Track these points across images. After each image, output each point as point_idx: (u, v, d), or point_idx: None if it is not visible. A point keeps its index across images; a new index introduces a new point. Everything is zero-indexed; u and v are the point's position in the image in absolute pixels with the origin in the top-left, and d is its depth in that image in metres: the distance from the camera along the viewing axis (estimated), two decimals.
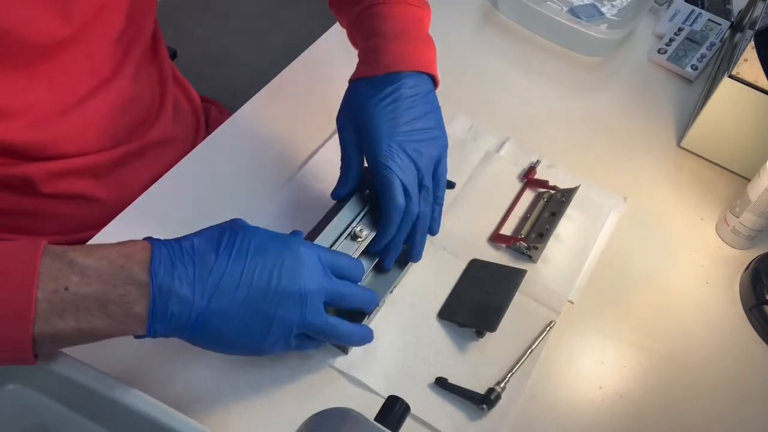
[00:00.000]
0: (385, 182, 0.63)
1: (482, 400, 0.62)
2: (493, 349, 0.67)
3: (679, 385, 0.69)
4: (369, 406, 0.47)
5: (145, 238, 0.51)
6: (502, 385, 0.64)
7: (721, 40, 1.02)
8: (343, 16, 0.76)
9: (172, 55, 1.07)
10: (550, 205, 0.78)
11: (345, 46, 0.75)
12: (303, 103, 0.85)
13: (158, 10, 0.81)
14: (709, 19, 1.05)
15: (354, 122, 0.66)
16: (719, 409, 0.68)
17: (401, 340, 0.67)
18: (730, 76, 0.82)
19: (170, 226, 0.61)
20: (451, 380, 0.64)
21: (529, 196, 0.81)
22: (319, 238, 0.63)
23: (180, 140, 0.85)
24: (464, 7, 1.03)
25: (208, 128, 0.93)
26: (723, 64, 0.94)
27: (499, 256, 0.74)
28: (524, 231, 0.76)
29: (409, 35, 0.68)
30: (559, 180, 0.81)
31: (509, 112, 0.90)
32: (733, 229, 0.80)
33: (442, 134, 0.68)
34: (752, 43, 0.82)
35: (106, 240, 0.57)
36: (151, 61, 0.80)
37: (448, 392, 0.64)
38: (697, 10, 1.06)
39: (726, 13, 1.07)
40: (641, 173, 0.87)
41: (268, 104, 0.84)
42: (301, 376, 0.63)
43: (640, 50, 1.02)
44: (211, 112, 0.95)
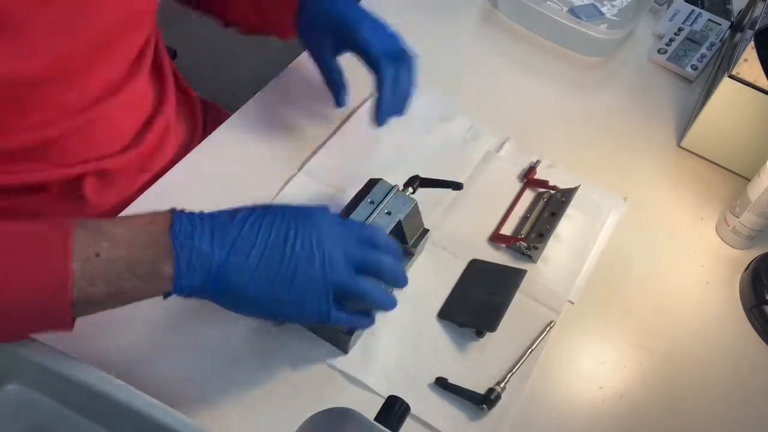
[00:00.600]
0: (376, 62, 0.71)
1: (482, 400, 0.62)
2: (493, 349, 0.67)
3: (679, 385, 0.69)
4: (369, 406, 0.47)
5: (169, 209, 0.54)
6: (502, 385, 0.64)
7: (721, 40, 1.02)
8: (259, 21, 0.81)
9: (172, 55, 1.06)
10: (550, 205, 0.78)
11: None
12: (303, 103, 0.85)
13: (158, 10, 0.81)
14: (709, 19, 1.05)
15: (319, 28, 0.73)
16: (719, 408, 0.69)
17: (401, 340, 0.67)
18: (730, 76, 0.82)
19: None
20: (451, 380, 0.64)
21: (529, 196, 0.81)
22: (353, 215, 0.64)
23: (180, 140, 0.85)
24: (464, 7, 1.03)
25: (208, 128, 0.92)
26: (723, 64, 0.94)
27: (499, 256, 0.74)
28: (524, 231, 0.76)
29: None
30: (559, 180, 0.81)
31: (509, 112, 0.90)
32: (733, 229, 0.80)
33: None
34: (752, 43, 0.82)
35: None
36: (152, 61, 0.80)
37: (448, 392, 0.64)
38: (697, 10, 1.06)
39: (726, 13, 1.07)
40: (641, 173, 0.87)
41: (268, 104, 0.84)
42: (301, 376, 0.63)
43: (640, 50, 1.02)
44: (210, 112, 0.95)
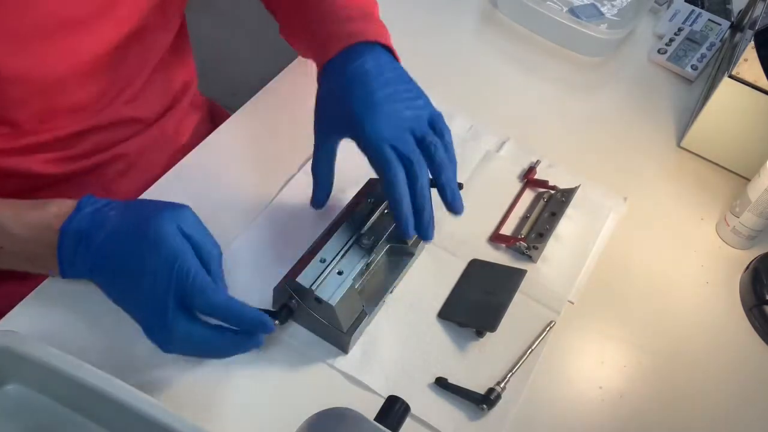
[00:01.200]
0: (378, 156, 0.60)
1: (482, 400, 0.62)
2: (493, 349, 0.67)
3: (679, 385, 0.69)
4: (369, 406, 0.47)
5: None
6: (502, 385, 0.64)
7: (721, 40, 1.02)
8: (297, 40, 0.77)
9: None
10: (550, 205, 0.78)
11: None
12: (303, 103, 0.85)
13: None
14: (709, 19, 1.05)
15: (330, 118, 0.65)
16: (719, 408, 0.69)
17: (401, 340, 0.67)
18: (730, 76, 0.82)
19: None
20: (451, 380, 0.64)
21: (529, 196, 0.81)
22: (323, 251, 0.63)
23: (179, 140, 0.85)
24: (464, 7, 1.03)
25: (208, 128, 0.92)
26: (723, 64, 0.94)
27: (499, 256, 0.74)
28: (524, 231, 0.76)
29: (355, 18, 0.67)
30: (559, 180, 0.81)
31: (509, 112, 0.90)
32: (733, 229, 0.80)
33: (424, 97, 0.64)
34: (752, 43, 0.82)
35: None
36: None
37: (448, 392, 0.64)
38: (697, 10, 1.06)
39: (726, 13, 1.07)
40: (641, 173, 0.87)
41: (268, 104, 0.84)
42: (301, 376, 0.63)
43: (640, 50, 1.02)
44: (210, 112, 0.95)
